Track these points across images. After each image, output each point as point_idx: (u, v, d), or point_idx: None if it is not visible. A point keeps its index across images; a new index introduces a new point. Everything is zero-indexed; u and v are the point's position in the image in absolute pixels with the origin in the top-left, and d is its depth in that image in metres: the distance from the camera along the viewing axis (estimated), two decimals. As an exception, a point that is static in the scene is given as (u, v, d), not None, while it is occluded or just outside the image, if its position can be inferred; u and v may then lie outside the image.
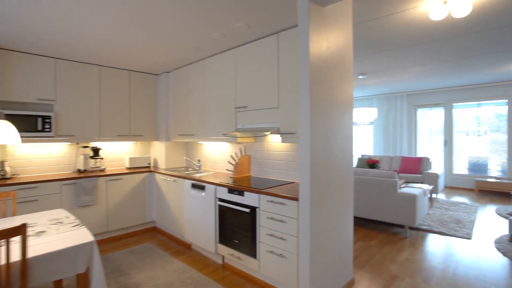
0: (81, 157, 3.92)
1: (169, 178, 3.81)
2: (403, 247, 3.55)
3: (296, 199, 2.19)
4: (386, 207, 3.99)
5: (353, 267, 2.99)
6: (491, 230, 4.17)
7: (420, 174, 6.50)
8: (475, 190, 6.88)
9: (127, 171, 4.02)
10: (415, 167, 6.59)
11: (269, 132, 2.63)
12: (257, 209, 2.52)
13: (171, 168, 4.38)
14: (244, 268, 2.80)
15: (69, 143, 3.94)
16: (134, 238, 3.96)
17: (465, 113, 7.53)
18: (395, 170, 4.86)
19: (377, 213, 4.08)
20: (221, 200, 2.93)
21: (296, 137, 2.52)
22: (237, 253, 2.76)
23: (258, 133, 2.78)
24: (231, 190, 2.79)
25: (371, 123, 8.98)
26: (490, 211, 5.25)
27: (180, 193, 3.59)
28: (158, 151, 4.61)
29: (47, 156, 3.77)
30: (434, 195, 6.29)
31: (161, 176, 3.99)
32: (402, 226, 4.27)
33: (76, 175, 3.59)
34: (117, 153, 4.45)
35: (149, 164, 4.60)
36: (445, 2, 2.60)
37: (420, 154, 8.22)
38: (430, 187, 5.03)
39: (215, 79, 3.51)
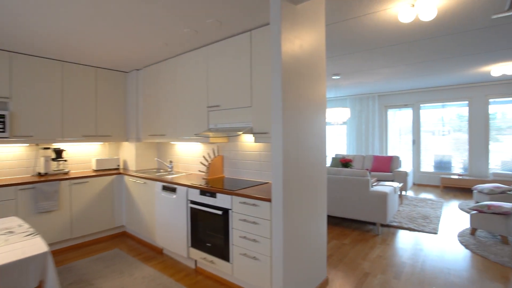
0: (42, 159, 3.64)
1: (139, 180, 3.64)
2: (375, 244, 3.63)
3: (269, 200, 2.14)
4: (359, 205, 4.06)
5: (327, 266, 3.00)
6: (455, 225, 4.38)
7: (391, 172, 6.74)
8: (440, 187, 7.24)
9: (94, 174, 3.79)
10: (386, 166, 6.82)
11: (241, 132, 2.57)
12: (230, 211, 2.45)
13: (142, 170, 4.19)
14: (217, 272, 2.72)
15: (28, 144, 3.64)
16: (101, 244, 3.74)
17: (431, 114, 7.91)
18: (367, 169, 5.01)
19: (351, 212, 4.15)
20: (193, 202, 2.82)
21: (269, 137, 2.48)
22: (210, 257, 2.67)
23: (230, 133, 2.71)
24: (203, 192, 2.70)
25: (344, 123, 9.20)
26: (454, 206, 5.54)
27: (151, 195, 3.43)
28: (128, 152, 4.40)
29: (0, 159, 3.46)
30: (403, 193, 6.54)
31: (131, 179, 3.80)
32: (374, 224, 4.38)
33: (36, 179, 3.32)
34: (83, 154, 4.19)
35: (118, 166, 4.38)
36: (413, 5, 2.68)
37: (390, 153, 8.52)
38: (400, 185, 5.21)
39: (186, 77, 3.39)
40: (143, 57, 3.70)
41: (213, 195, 2.59)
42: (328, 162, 8.49)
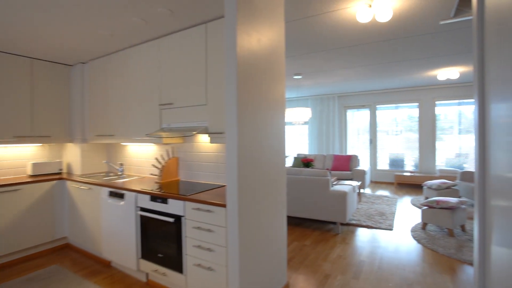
0: (-40, 164, 3.11)
1: (84, 186, 3.26)
2: (335, 244, 3.64)
3: (224, 206, 1.98)
4: (320, 205, 4.07)
5: (288, 270, 2.92)
6: (408, 220, 4.59)
7: (350, 171, 6.94)
8: (394, 184, 7.63)
9: (29, 180, 3.32)
10: (345, 165, 7.02)
11: (195, 132, 2.38)
12: (183, 218, 2.24)
13: (89, 174, 3.79)
14: (171, 285, 2.50)
15: None
16: (37, 260, 3.29)
17: (386, 115, 8.33)
18: (327, 169, 5.08)
19: (312, 212, 4.14)
20: (142, 209, 2.56)
21: (225, 137, 2.32)
22: (162, 269, 2.44)
23: (185, 133, 2.51)
24: (153, 198, 2.46)
25: (306, 123, 9.34)
26: (407, 201, 5.84)
27: (96, 203, 3.09)
28: (72, 155, 3.95)
29: None
30: (362, 190, 6.77)
31: (74, 184, 3.40)
32: (334, 223, 4.42)
33: (-50, 188, 2.81)
34: (15, 158, 3.67)
35: (61, 170, 3.92)
36: (370, 6, 2.70)
37: (349, 152, 8.82)
38: (359, 183, 5.36)
39: (137, 72, 3.10)
40: (88, 49, 3.32)
41: (164, 201, 2.36)
42: (290, 162, 8.55)
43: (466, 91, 7.11)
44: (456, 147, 7.50)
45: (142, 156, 3.58)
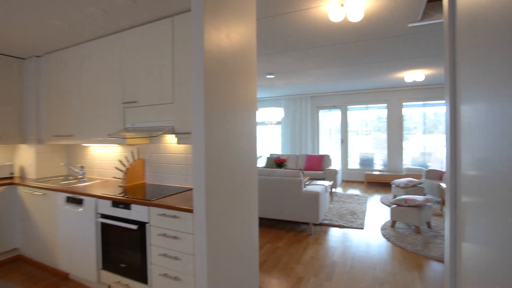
0: None
1: (38, 192, 2.96)
2: (308, 245, 3.62)
3: (191, 211, 1.86)
4: (293, 206, 4.04)
5: (260, 275, 2.84)
6: (378, 218, 4.71)
7: (322, 170, 7.03)
8: (365, 182, 7.85)
9: (-29, 186, 2.96)
10: (318, 164, 7.10)
11: (161, 132, 2.23)
12: (147, 225, 2.08)
13: (45, 178, 3.46)
14: (135, 297, 2.32)
15: None
16: (-18, 275, 2.94)
17: (357, 115, 8.55)
18: (300, 169, 5.08)
19: (285, 213, 4.10)
20: (103, 216, 2.36)
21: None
22: (125, 280, 2.26)
23: (150, 133, 2.34)
24: (115, 203, 2.27)
25: (278, 123, 9.36)
26: (376, 200, 6.01)
27: (52, 210, 2.81)
28: (26, 157, 3.59)
29: None
30: (334, 190, 6.88)
31: (27, 190, 3.08)
32: (307, 223, 4.42)
33: None
34: (-44, 161, 3.26)
35: (12, 174, 3.55)
36: (342, 5, 2.69)
37: (322, 152, 8.96)
38: (331, 183, 5.42)
39: (98, 68, 2.87)
40: (42, 41, 3.02)
41: (127, 206, 2.18)
42: (264, 162, 8.51)
43: (430, 93, 7.48)
44: (421, 147, 7.87)
45: (105, 158, 3.33)
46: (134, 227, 2.09)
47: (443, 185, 4.85)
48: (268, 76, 6.18)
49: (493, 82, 0.74)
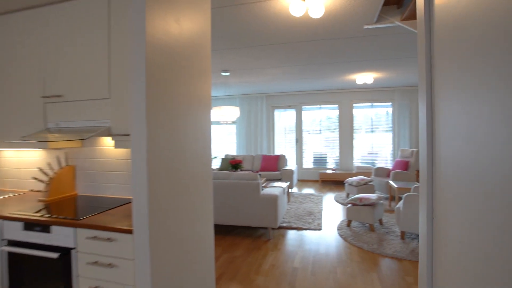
0: None
1: None
2: (267, 252, 3.43)
3: (130, 231, 1.50)
4: (250, 210, 3.81)
5: (217, 291, 2.56)
6: (334, 217, 4.73)
7: (278, 171, 6.96)
8: (319, 181, 8.00)
9: None
10: (274, 165, 7.00)
11: (93, 134, 1.81)
12: (73, 251, 1.66)
13: None
14: (60, 338, 1.86)
15: None
16: None
17: (311, 115, 8.70)
18: (257, 171, 4.88)
19: (242, 218, 3.86)
20: (12, 243, 1.84)
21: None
22: (46, 320, 1.79)
23: (79, 135, 1.90)
24: (29, 225, 1.78)
25: (234, 122, 9.11)
26: (331, 198, 6.11)
27: None
28: None
29: None
30: (290, 190, 6.85)
31: None
32: (266, 227, 4.24)
33: None
34: None
35: None
36: (304, 0, 2.53)
37: (277, 152, 8.94)
38: (288, 184, 5.34)
39: (11, 50, 2.29)
40: None
41: (45, 228, 1.72)
42: (218, 163, 8.18)
43: (378, 95, 7.90)
44: (369, 146, 8.28)
45: (23, 165, 2.72)
46: (54, 255, 1.64)
47: (392, 182, 5.07)
48: (223, 73, 5.88)
49: (476, 84, 0.77)
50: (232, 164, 5.80)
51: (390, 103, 7.95)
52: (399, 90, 7.62)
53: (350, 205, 4.17)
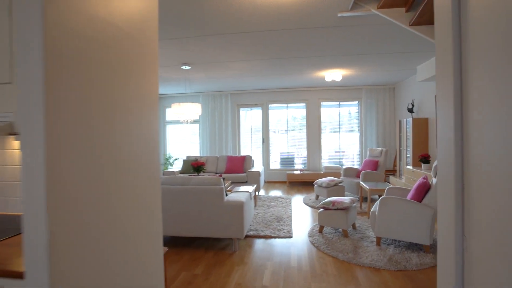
0: None
1: None
2: (232, 267, 2.98)
3: (20, 276, 0.98)
4: (213, 220, 3.34)
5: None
6: (304, 222, 4.43)
7: (244, 173, 6.54)
8: (286, 183, 7.72)
9: None
10: (239, 166, 6.57)
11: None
12: None
13: None
14: None
15: None
16: None
17: (278, 114, 8.41)
18: (220, 175, 4.41)
19: (203, 229, 3.37)
20: None
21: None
22: None
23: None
24: None
25: (196, 121, 8.54)
26: (299, 201, 5.83)
27: None
28: None
29: None
30: (257, 193, 6.47)
31: None
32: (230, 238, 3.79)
33: None
34: None
35: None
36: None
37: (243, 152, 8.53)
38: (254, 187, 4.94)
39: None
40: None
41: None
42: (180, 166, 7.56)
43: (345, 94, 7.83)
44: (336, 145, 8.20)
45: None
46: None
47: (363, 183, 4.90)
48: (183, 67, 5.32)
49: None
50: (194, 166, 5.27)
51: (357, 102, 7.93)
52: (366, 89, 7.62)
53: (322, 209, 3.88)
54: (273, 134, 8.43)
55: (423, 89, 6.01)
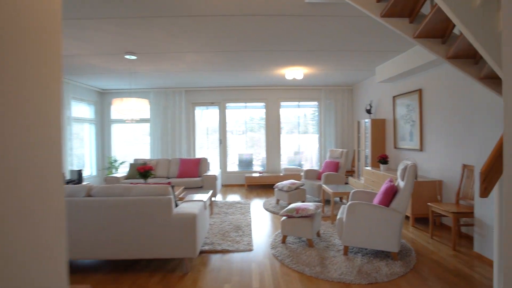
0: None
1: None
2: (182, 296, 2.46)
3: None
4: (159, 237, 2.78)
5: None
6: (265, 230, 4.05)
7: (199, 177, 5.97)
8: (245, 186, 7.31)
9: None
10: (194, 170, 5.98)
11: None
12: None
13: None
14: None
15: None
16: None
17: (236, 113, 7.98)
18: (169, 182, 3.80)
19: (148, 249, 2.79)
20: None
21: None
22: None
23: None
24: None
25: (146, 120, 7.73)
26: (259, 205, 5.46)
27: None
28: None
29: None
30: (214, 199, 5.95)
31: None
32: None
33: None
34: None
35: None
36: None
37: (198, 154, 7.94)
38: (210, 193, 4.44)
39: None
40: None
41: None
42: (126, 171, 6.71)
43: (305, 94, 7.68)
44: (296, 146, 8.03)
45: None
46: None
47: (326, 186, 4.69)
48: (127, 57, 4.61)
49: None
50: (140, 171, 4.58)
51: (316, 103, 7.84)
52: (325, 90, 7.55)
53: (285, 217, 3.54)
54: (231, 135, 7.97)
55: (380, 90, 6.05)
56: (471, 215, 3.25)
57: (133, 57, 4.64)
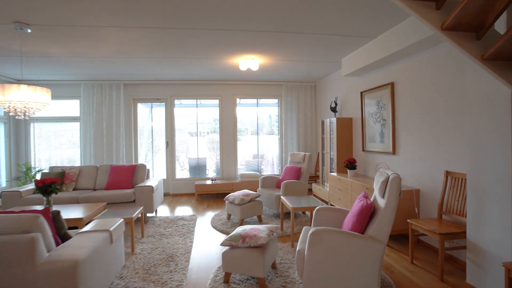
0: None
1: None
2: None
3: None
4: (9, 305, 1.69)
5: None
6: (207, 259, 3.08)
7: (132, 188, 4.81)
8: (195, 195, 6.26)
9: None
10: (127, 180, 4.81)
11: None
12: None
13: None
14: None
15: None
16: None
17: (186, 112, 6.92)
18: (47, 208, 2.60)
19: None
20: None
21: None
22: None
23: None
24: None
25: (75, 119, 6.34)
26: (207, 222, 4.48)
27: None
28: None
29: None
30: (151, 215, 4.85)
31: None
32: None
33: None
34: None
35: None
36: None
37: (142, 160, 6.74)
38: (138, 210, 3.37)
39: None
40: None
41: None
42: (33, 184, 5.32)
43: (264, 90, 6.85)
44: (254, 149, 7.17)
45: None
46: None
47: (285, 199, 3.84)
48: (17, 28, 3.35)
49: None
50: (38, 186, 3.36)
51: (276, 101, 7.04)
52: (286, 86, 6.77)
53: (227, 247, 2.61)
54: (180, 136, 6.89)
55: (347, 85, 5.40)
56: (462, 236, 2.58)
57: (27, 30, 3.41)
